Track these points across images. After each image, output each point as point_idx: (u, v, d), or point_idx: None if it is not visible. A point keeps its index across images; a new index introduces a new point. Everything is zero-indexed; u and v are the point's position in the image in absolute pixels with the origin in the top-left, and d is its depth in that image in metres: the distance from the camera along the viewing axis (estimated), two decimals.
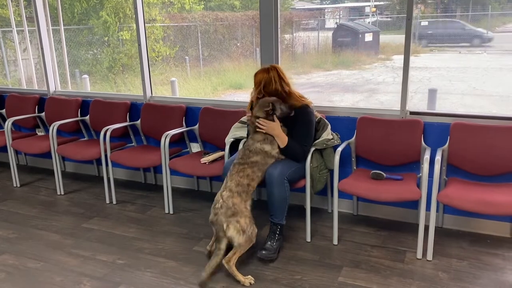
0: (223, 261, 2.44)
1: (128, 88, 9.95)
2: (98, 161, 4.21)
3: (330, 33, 13.93)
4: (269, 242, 2.67)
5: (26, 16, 5.34)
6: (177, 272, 2.57)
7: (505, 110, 7.59)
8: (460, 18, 16.39)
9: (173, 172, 3.37)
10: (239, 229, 2.42)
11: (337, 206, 2.80)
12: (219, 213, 2.46)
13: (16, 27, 5.22)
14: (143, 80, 3.87)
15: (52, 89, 4.41)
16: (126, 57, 9.88)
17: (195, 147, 3.70)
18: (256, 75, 2.79)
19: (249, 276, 2.46)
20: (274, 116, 2.66)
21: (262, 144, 2.64)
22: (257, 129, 2.66)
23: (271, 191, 2.60)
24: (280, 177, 2.58)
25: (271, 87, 2.72)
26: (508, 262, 2.58)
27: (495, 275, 2.46)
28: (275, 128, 2.65)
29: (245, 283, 2.42)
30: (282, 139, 2.66)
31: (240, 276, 2.44)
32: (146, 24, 3.81)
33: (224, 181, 2.59)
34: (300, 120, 2.74)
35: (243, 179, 2.54)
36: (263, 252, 2.63)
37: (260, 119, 2.66)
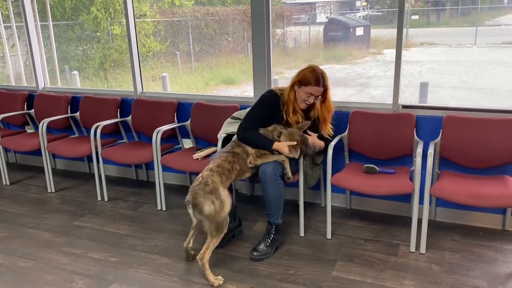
0: (197, 257, 2.39)
1: (119, 84, 9.88)
2: (89, 158, 4.17)
3: (321, 28, 13.92)
4: (262, 244, 2.65)
5: (13, 11, 5.26)
6: (171, 269, 2.55)
7: (496, 103, 7.65)
8: (450, 12, 16.47)
9: (165, 168, 3.34)
10: (213, 211, 2.34)
11: (330, 200, 2.80)
12: (197, 189, 2.37)
13: (3, 23, 5.13)
14: (133, 75, 3.83)
15: (41, 85, 4.36)
16: (117, 53, 9.80)
17: (187, 143, 3.68)
18: (312, 80, 2.58)
19: (219, 276, 2.40)
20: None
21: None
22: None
23: (265, 188, 2.58)
24: (273, 173, 2.55)
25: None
26: (501, 254, 2.59)
27: (488, 267, 2.47)
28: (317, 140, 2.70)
29: (215, 284, 2.36)
30: (321, 146, 2.71)
31: (211, 276, 2.37)
32: (136, 19, 3.76)
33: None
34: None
35: (224, 163, 2.50)
36: (255, 253, 2.61)
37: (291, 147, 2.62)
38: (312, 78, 2.57)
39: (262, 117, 2.70)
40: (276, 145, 2.59)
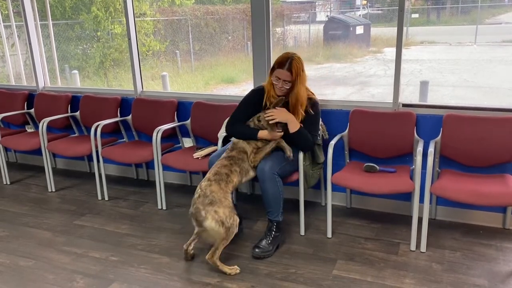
0: (206, 257, 2.43)
1: (119, 83, 9.87)
2: (89, 157, 4.17)
3: (321, 26, 13.91)
4: (264, 241, 2.65)
5: (13, 10, 5.25)
6: (171, 268, 2.55)
7: (496, 102, 7.64)
8: (450, 10, 16.45)
9: (166, 167, 3.34)
10: (218, 220, 2.34)
11: (330, 199, 2.80)
12: (197, 203, 2.40)
13: (3, 22, 5.12)
14: (133, 74, 3.82)
15: (41, 85, 4.36)
16: (117, 52, 9.79)
17: (188, 142, 3.67)
18: (281, 66, 2.58)
19: (235, 266, 2.47)
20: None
21: (246, 144, 2.63)
22: (270, 122, 2.59)
23: (263, 186, 2.58)
24: (271, 172, 2.55)
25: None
26: (501, 253, 2.59)
27: (488, 265, 2.47)
28: (285, 113, 2.60)
29: (232, 273, 2.43)
30: (295, 124, 2.60)
31: (225, 268, 2.43)
32: (136, 19, 3.76)
33: None
34: (310, 111, 2.69)
35: (221, 169, 2.52)
36: (256, 250, 2.62)
37: (267, 111, 2.62)
38: (279, 61, 2.60)
39: (246, 110, 2.74)
40: (260, 134, 2.63)
